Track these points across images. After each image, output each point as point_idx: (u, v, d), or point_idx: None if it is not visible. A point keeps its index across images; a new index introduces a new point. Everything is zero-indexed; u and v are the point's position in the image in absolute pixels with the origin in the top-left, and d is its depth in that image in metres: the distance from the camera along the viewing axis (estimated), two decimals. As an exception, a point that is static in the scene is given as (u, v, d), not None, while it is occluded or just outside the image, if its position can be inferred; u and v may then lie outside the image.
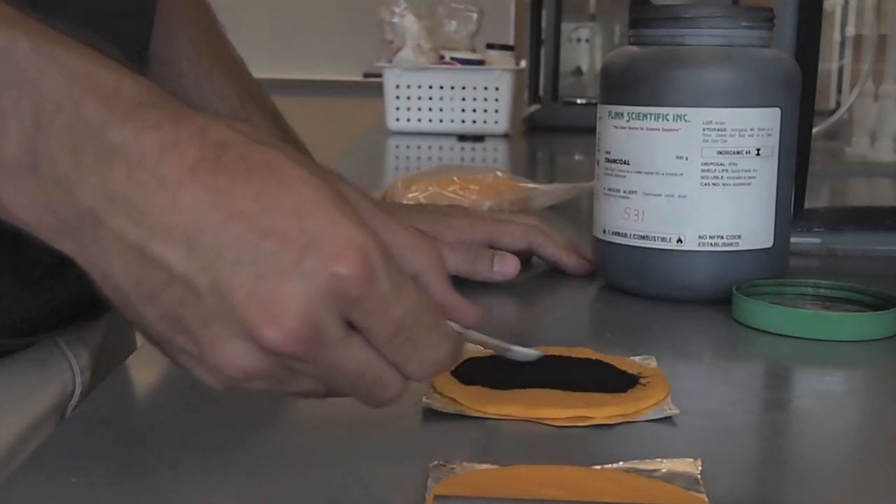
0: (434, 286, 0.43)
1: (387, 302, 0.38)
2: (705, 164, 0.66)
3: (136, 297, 0.38)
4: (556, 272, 0.78)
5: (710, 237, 0.67)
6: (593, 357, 0.55)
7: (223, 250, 0.37)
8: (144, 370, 0.56)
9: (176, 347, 0.39)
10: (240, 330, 0.37)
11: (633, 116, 0.68)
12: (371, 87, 2.97)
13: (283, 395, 0.42)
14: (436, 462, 0.41)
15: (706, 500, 0.39)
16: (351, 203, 0.40)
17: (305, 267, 0.37)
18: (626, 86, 0.69)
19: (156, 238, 0.37)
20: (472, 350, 0.56)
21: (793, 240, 0.74)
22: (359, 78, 4.06)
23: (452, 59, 1.92)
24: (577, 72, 2.30)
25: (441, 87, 1.91)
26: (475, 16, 1.96)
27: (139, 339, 0.77)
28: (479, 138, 1.88)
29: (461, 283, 0.73)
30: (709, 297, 0.68)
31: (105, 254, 0.38)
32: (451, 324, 0.43)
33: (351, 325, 0.39)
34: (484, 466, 0.41)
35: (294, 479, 0.41)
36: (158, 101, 0.39)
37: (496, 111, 1.91)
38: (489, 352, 0.56)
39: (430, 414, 0.48)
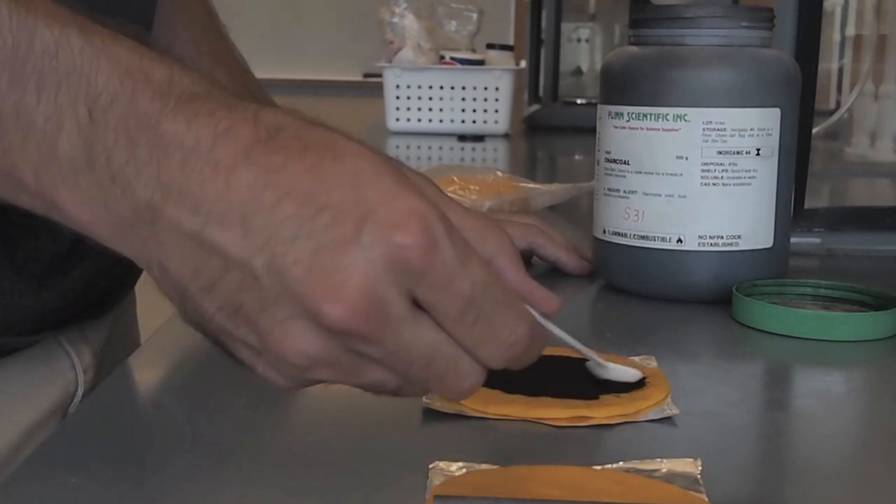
0: (507, 272, 0.41)
1: (453, 274, 0.36)
2: (705, 164, 0.66)
3: (194, 289, 0.37)
4: (556, 272, 0.78)
5: (710, 237, 0.67)
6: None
7: (279, 229, 0.35)
8: (146, 369, 0.56)
9: (238, 342, 0.38)
10: (299, 310, 0.36)
11: (633, 116, 0.68)
12: (371, 87, 2.97)
13: (348, 389, 0.39)
14: (436, 462, 0.41)
15: (706, 500, 0.39)
16: (412, 180, 0.38)
17: (364, 238, 0.35)
18: (626, 86, 0.69)
19: (211, 223, 0.36)
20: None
21: (793, 240, 0.74)
22: (359, 78, 4.06)
23: (452, 59, 1.92)
24: (577, 72, 2.30)
25: (441, 87, 1.91)
26: (475, 16, 1.96)
27: (142, 338, 0.77)
28: (479, 138, 1.88)
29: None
30: (709, 297, 0.68)
31: (162, 247, 0.37)
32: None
33: (418, 307, 0.37)
34: (484, 466, 0.41)
35: (294, 478, 0.41)
36: (211, 91, 0.38)
37: (496, 111, 1.91)
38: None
39: (430, 414, 0.48)
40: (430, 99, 1.91)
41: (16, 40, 0.38)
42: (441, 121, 1.92)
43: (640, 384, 0.50)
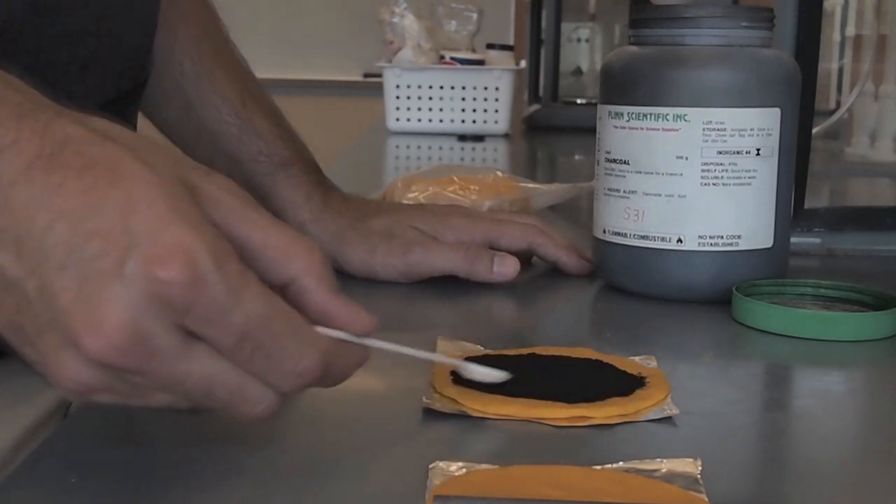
0: (311, 293, 0.39)
1: (223, 309, 0.35)
2: (705, 164, 0.66)
3: None
4: (556, 272, 0.78)
5: (710, 237, 0.67)
6: (595, 357, 0.55)
7: (50, 253, 0.35)
8: (145, 370, 0.56)
9: (27, 357, 0.38)
10: (66, 340, 0.35)
11: (633, 116, 0.68)
12: (371, 87, 2.97)
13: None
14: (436, 462, 0.41)
15: (706, 500, 0.39)
16: (204, 200, 0.37)
17: (126, 271, 0.34)
18: (626, 86, 0.69)
19: None
20: (470, 350, 0.56)
21: (793, 240, 0.74)
22: (359, 78, 4.07)
23: (452, 59, 1.92)
24: (577, 72, 2.30)
25: (441, 87, 1.91)
26: (475, 16, 1.96)
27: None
28: (479, 138, 1.88)
29: (461, 284, 0.73)
30: (709, 297, 0.68)
31: None
32: (341, 334, 0.40)
33: (193, 335, 0.36)
34: (484, 466, 0.41)
35: (294, 478, 0.41)
36: (7, 95, 0.38)
37: (496, 111, 1.91)
38: (487, 352, 0.56)
39: (430, 414, 0.48)
40: (430, 99, 1.91)
41: None
42: (441, 121, 1.92)
43: (640, 384, 0.50)
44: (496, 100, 1.91)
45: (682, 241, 0.67)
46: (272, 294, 0.37)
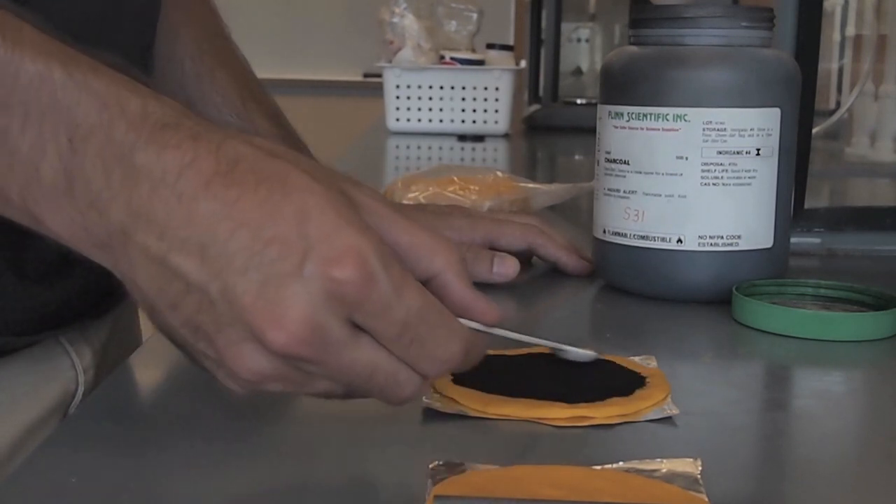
0: (452, 286, 0.44)
1: (388, 304, 0.40)
2: (705, 164, 0.66)
3: (160, 305, 0.41)
4: (556, 272, 0.78)
5: (710, 237, 0.67)
6: (598, 357, 0.54)
7: (232, 259, 0.39)
8: (146, 369, 0.56)
9: (199, 353, 0.41)
10: (248, 334, 0.39)
11: (633, 116, 0.68)
12: (371, 87, 2.97)
13: (295, 396, 0.43)
14: (436, 462, 0.41)
15: (706, 500, 0.39)
16: (359, 207, 0.41)
17: (305, 272, 0.38)
18: (626, 86, 0.69)
19: (174, 250, 0.40)
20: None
21: (793, 240, 0.74)
22: (359, 78, 4.06)
23: (452, 59, 1.92)
24: (577, 72, 2.30)
25: (441, 87, 1.91)
26: (475, 16, 1.96)
27: (143, 338, 0.77)
28: (479, 138, 1.88)
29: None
30: (709, 297, 0.68)
31: (133, 266, 0.41)
32: (473, 324, 0.44)
33: (359, 327, 0.40)
34: (484, 466, 0.41)
35: (295, 479, 0.41)
36: (182, 121, 0.42)
37: (496, 111, 1.91)
38: (487, 352, 0.55)
39: (430, 414, 0.48)
40: (430, 99, 1.91)
41: (2, 73, 0.41)
42: (441, 121, 1.92)
43: (640, 384, 0.50)
44: (496, 100, 1.91)
45: (682, 241, 0.67)
46: (426, 290, 0.42)
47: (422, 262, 0.43)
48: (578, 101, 2.16)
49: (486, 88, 1.90)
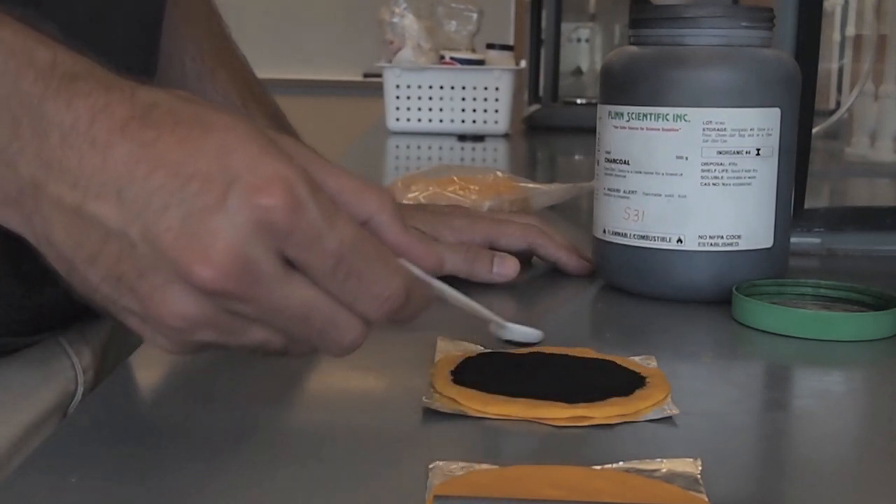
0: (386, 228, 0.42)
1: (319, 232, 0.38)
2: (705, 164, 0.66)
3: (79, 260, 0.39)
4: (556, 272, 0.78)
5: (710, 237, 0.67)
6: (595, 357, 0.55)
7: (151, 199, 0.38)
8: (146, 369, 0.56)
9: (123, 310, 0.40)
10: (173, 274, 0.38)
11: (633, 116, 0.68)
12: (371, 87, 2.97)
13: (229, 351, 0.41)
14: (436, 462, 0.41)
15: (706, 500, 0.39)
16: (284, 147, 0.40)
17: (229, 202, 0.37)
18: (626, 86, 0.69)
19: (90, 197, 0.38)
20: (471, 350, 0.56)
21: (793, 240, 0.74)
22: (359, 78, 4.06)
23: (452, 59, 1.92)
24: (577, 72, 2.30)
25: (441, 87, 1.91)
26: (475, 16, 1.96)
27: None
28: (479, 138, 1.88)
29: (461, 284, 0.73)
30: (709, 297, 0.68)
31: (47, 222, 0.39)
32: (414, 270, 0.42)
33: (292, 267, 0.39)
34: (484, 466, 0.41)
35: (294, 479, 0.41)
36: (93, 72, 0.40)
37: (496, 111, 1.91)
38: (488, 351, 0.55)
39: (430, 414, 0.48)
40: (430, 99, 1.91)
41: None
42: (441, 121, 1.92)
43: (640, 384, 0.50)
44: (496, 100, 1.91)
45: (682, 241, 0.67)
46: (373, 233, 0.41)
47: (352, 206, 0.41)
48: (578, 101, 2.16)
49: (486, 88, 1.90)
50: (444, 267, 0.44)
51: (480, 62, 1.93)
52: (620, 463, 0.42)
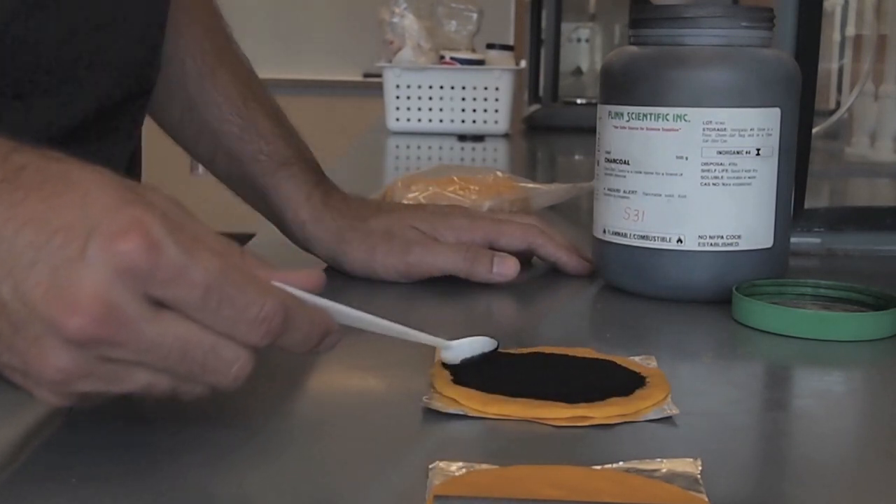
0: (252, 264, 0.42)
1: (181, 267, 0.39)
2: (705, 164, 0.66)
3: None
4: (556, 272, 0.78)
5: (710, 237, 0.67)
6: (595, 357, 0.55)
7: (20, 256, 0.39)
8: (145, 370, 0.56)
9: (6, 367, 0.40)
10: (46, 328, 0.38)
11: (633, 116, 0.68)
12: (371, 87, 2.97)
13: (114, 396, 0.41)
14: (436, 462, 0.41)
15: (706, 500, 0.39)
16: (144, 196, 0.41)
17: (90, 252, 0.38)
18: (626, 86, 0.69)
19: None
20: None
21: (793, 240, 0.74)
22: (359, 78, 4.07)
23: (452, 59, 1.92)
24: (577, 72, 2.30)
25: (441, 87, 1.91)
26: (475, 16, 1.96)
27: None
28: (479, 138, 1.88)
29: (461, 284, 0.73)
30: (709, 297, 0.68)
31: None
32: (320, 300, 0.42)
33: (162, 304, 0.39)
34: (484, 466, 0.41)
35: (294, 479, 0.41)
36: None
37: (496, 111, 1.91)
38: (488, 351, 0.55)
39: (430, 414, 0.48)
40: (430, 99, 1.91)
41: None
42: (441, 121, 1.92)
43: (640, 384, 0.50)
44: (496, 100, 1.91)
45: (682, 241, 0.67)
46: (224, 253, 0.41)
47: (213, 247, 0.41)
48: (578, 101, 2.16)
49: (486, 88, 1.90)
50: (322, 284, 0.44)
51: (480, 62, 1.93)
52: (620, 463, 0.42)
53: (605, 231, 0.71)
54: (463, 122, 1.92)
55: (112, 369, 0.40)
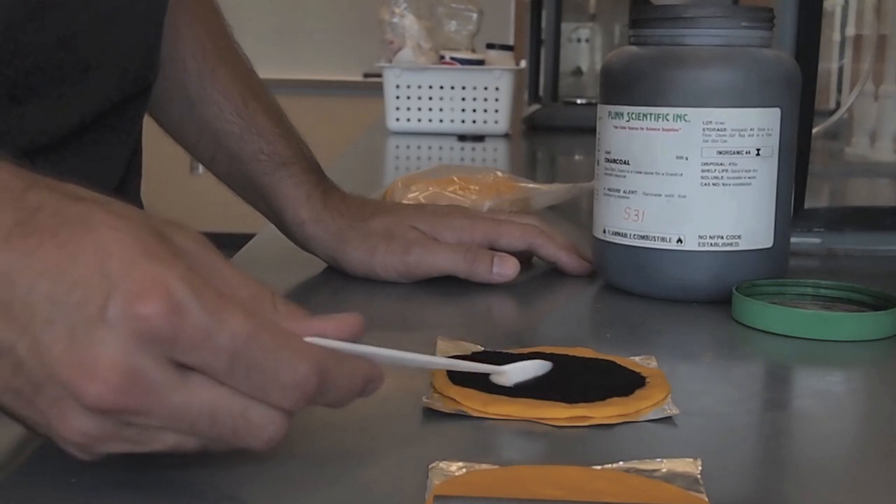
0: (283, 315, 0.40)
1: (207, 331, 0.36)
2: (705, 164, 0.66)
3: None
4: (556, 272, 0.78)
5: (710, 237, 0.67)
6: (595, 357, 0.55)
7: (36, 310, 0.36)
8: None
9: (28, 420, 0.38)
10: (65, 391, 0.36)
11: (633, 116, 0.68)
12: (371, 87, 2.97)
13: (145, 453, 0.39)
14: (436, 462, 0.41)
15: (706, 500, 0.39)
16: (170, 241, 0.38)
17: (110, 313, 0.35)
18: (626, 86, 0.69)
19: None
20: (470, 350, 0.56)
21: (793, 240, 0.74)
22: (359, 78, 4.07)
23: (452, 59, 1.92)
24: (577, 72, 2.30)
25: (441, 87, 1.91)
26: (475, 16, 1.96)
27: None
28: (479, 138, 1.88)
29: (461, 284, 0.73)
30: (709, 297, 0.68)
31: None
32: (355, 347, 0.40)
33: (188, 368, 0.37)
34: (484, 466, 0.41)
35: (295, 478, 0.41)
36: None
37: (496, 111, 1.91)
38: (488, 351, 0.55)
39: (430, 414, 0.48)
40: (430, 99, 1.91)
41: None
42: (441, 121, 1.92)
43: (640, 384, 0.50)
44: (496, 100, 1.91)
45: (682, 241, 0.67)
46: (253, 312, 0.38)
47: (241, 299, 0.39)
48: (578, 101, 2.16)
49: (486, 88, 1.90)
50: (362, 329, 0.41)
51: (480, 62, 1.93)
52: (620, 463, 0.42)
53: (605, 231, 0.71)
54: (463, 122, 1.92)
55: (138, 433, 0.38)
